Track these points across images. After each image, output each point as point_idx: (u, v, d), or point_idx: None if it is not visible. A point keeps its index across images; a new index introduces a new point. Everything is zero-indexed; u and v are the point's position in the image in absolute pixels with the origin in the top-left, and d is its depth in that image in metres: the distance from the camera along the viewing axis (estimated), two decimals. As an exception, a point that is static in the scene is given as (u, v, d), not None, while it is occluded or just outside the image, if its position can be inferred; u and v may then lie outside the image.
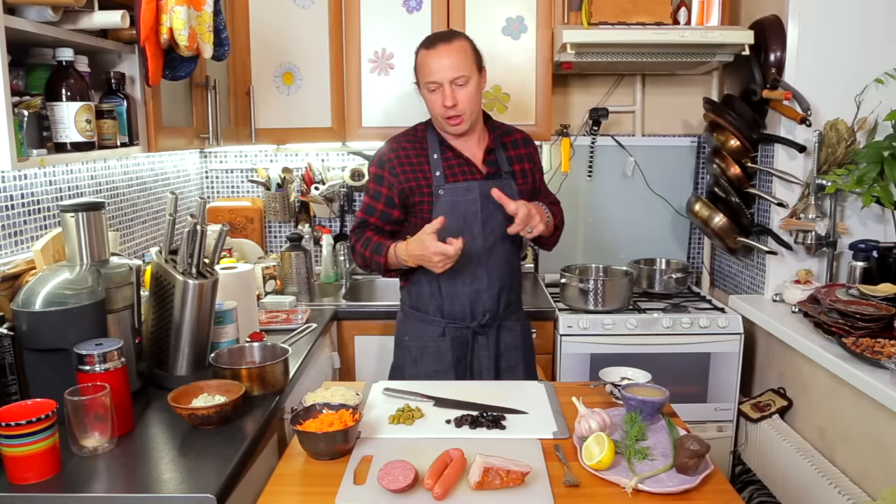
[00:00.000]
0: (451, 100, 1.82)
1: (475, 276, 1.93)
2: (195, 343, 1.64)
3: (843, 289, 2.21)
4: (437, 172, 1.91)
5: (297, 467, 1.32)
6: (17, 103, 1.41)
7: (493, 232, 1.92)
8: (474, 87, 1.85)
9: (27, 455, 1.22)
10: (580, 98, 3.02)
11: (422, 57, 1.87)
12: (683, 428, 1.45)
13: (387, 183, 1.92)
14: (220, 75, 2.36)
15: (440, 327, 1.95)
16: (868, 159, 2.21)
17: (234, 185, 3.07)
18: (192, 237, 1.60)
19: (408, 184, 1.90)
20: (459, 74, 1.82)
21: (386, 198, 1.93)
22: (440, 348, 1.95)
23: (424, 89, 1.88)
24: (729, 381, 2.51)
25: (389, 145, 1.97)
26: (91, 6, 1.54)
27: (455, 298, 1.94)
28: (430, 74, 1.83)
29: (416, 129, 2.00)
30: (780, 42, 2.41)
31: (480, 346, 1.97)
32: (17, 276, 1.61)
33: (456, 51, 1.83)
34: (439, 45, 1.83)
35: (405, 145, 1.95)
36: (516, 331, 2.03)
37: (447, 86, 1.82)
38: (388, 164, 1.93)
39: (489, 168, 1.94)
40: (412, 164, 1.92)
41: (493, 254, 1.94)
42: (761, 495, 2.38)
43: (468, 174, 1.92)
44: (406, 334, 2.01)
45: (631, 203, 3.07)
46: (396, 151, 1.94)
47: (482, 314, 1.95)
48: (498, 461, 1.22)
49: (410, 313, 2.01)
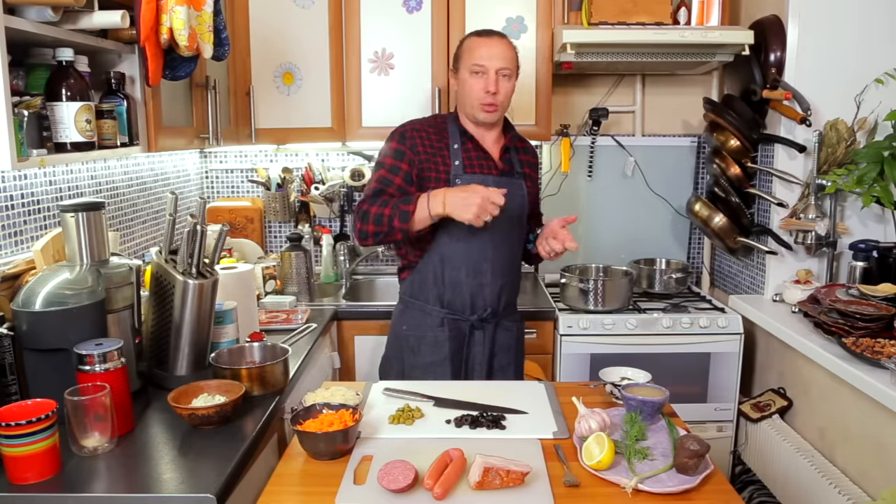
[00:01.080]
0: (495, 86, 1.87)
1: (479, 270, 1.94)
2: (195, 343, 1.64)
3: (843, 289, 2.21)
4: (457, 161, 1.92)
5: (297, 467, 1.32)
6: (17, 103, 1.41)
7: (501, 228, 1.91)
8: (513, 85, 1.92)
9: (27, 455, 1.21)
10: (580, 98, 3.02)
11: (472, 42, 1.91)
12: (683, 428, 1.45)
13: (408, 159, 1.89)
14: (220, 75, 2.36)
15: (439, 317, 1.95)
16: (868, 159, 2.21)
17: (234, 185, 3.07)
18: (192, 237, 1.60)
19: (427, 164, 1.90)
20: (506, 66, 1.88)
21: (405, 173, 1.89)
22: (438, 338, 1.95)
23: (466, 72, 1.90)
24: (729, 381, 2.51)
25: (412, 124, 1.96)
26: (91, 6, 1.54)
27: (457, 289, 1.94)
28: (479, 58, 1.88)
29: (437, 118, 2.02)
30: (780, 42, 2.41)
31: (476, 341, 1.98)
32: (17, 276, 1.61)
33: (507, 46, 1.91)
34: (493, 36, 1.91)
35: (427, 129, 1.95)
36: (512, 331, 2.04)
37: (492, 73, 1.87)
38: (409, 140, 1.91)
39: (505, 165, 1.98)
40: (434, 147, 1.93)
41: (499, 250, 1.95)
42: (761, 495, 2.38)
43: (485, 168, 1.94)
44: (404, 324, 2.00)
45: (631, 203, 3.07)
46: (419, 132, 1.93)
47: (482, 308, 1.96)
48: (498, 461, 1.22)
49: (410, 303, 2.01)
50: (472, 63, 1.89)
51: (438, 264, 1.93)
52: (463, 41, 1.96)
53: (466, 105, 1.94)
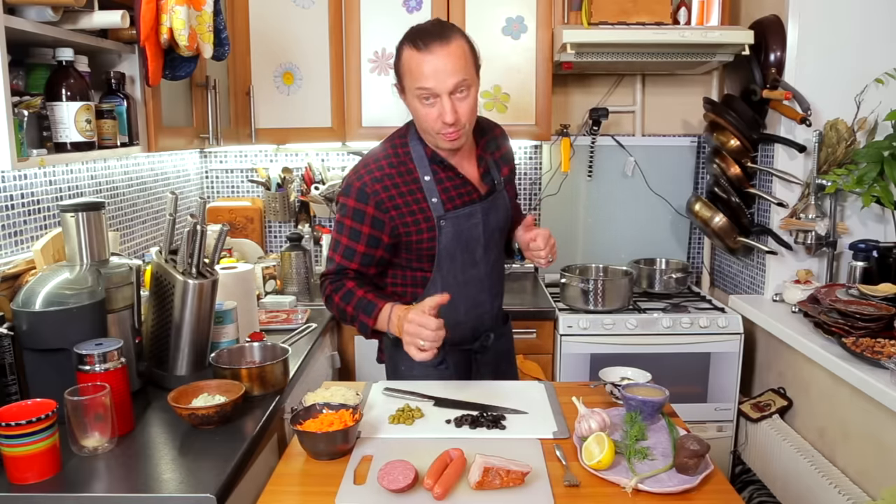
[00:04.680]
0: (452, 115, 1.50)
1: (477, 302, 1.75)
2: (195, 343, 1.64)
3: (843, 289, 2.21)
4: (434, 199, 1.62)
5: (297, 467, 1.32)
6: (17, 103, 1.41)
7: (491, 251, 1.75)
8: (475, 97, 1.56)
9: (27, 455, 1.22)
10: (580, 98, 3.02)
11: (410, 59, 1.52)
12: (683, 428, 1.45)
13: (369, 220, 1.60)
14: (220, 75, 2.36)
15: (441, 355, 1.66)
16: (868, 159, 2.21)
17: (234, 185, 3.07)
18: (192, 237, 1.60)
19: (403, 220, 1.61)
20: (461, 80, 1.50)
21: (369, 237, 1.61)
22: (442, 375, 1.75)
23: (412, 97, 1.54)
24: (729, 381, 2.51)
25: (370, 172, 1.61)
26: (91, 6, 1.55)
27: (456, 328, 1.67)
28: (423, 80, 1.49)
29: (395, 146, 1.66)
30: (780, 42, 2.41)
31: (482, 364, 1.83)
32: (17, 276, 1.61)
33: (454, 54, 1.49)
34: (434, 45, 1.49)
35: (389, 171, 1.61)
36: (508, 334, 1.93)
37: (445, 97, 1.50)
38: (373, 197, 1.59)
39: (485, 184, 1.71)
40: (403, 195, 1.60)
41: (492, 273, 1.77)
42: (761, 495, 2.38)
43: (465, 196, 1.66)
44: (402, 364, 1.76)
45: (631, 203, 3.07)
46: (382, 182, 1.59)
47: (484, 335, 1.79)
48: (498, 461, 1.22)
49: None
50: (415, 87, 1.51)
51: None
52: (400, 50, 1.55)
53: (425, 134, 1.61)
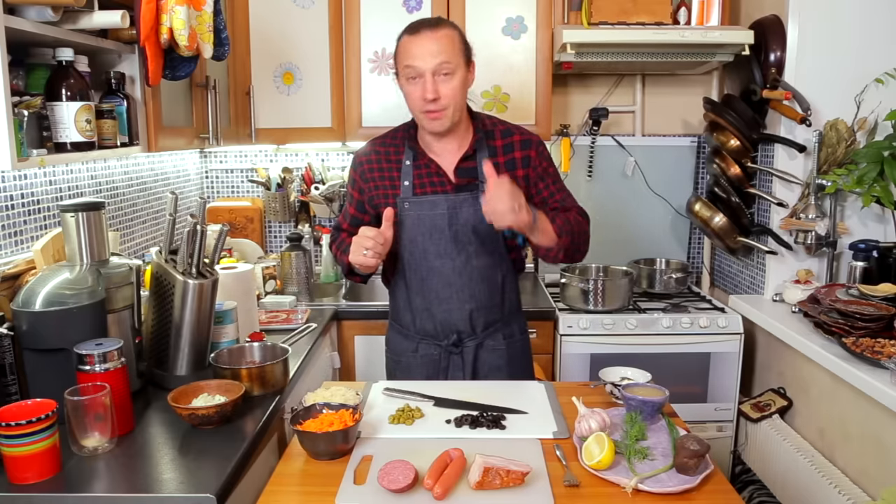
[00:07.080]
0: (433, 91, 1.62)
1: (443, 297, 1.79)
2: (195, 343, 1.64)
3: (843, 289, 2.21)
4: (406, 182, 1.76)
5: (297, 467, 1.32)
6: (17, 103, 1.41)
7: (463, 249, 1.76)
8: (460, 81, 1.65)
9: (27, 455, 1.22)
10: (580, 98, 3.02)
11: (402, 42, 1.68)
12: (683, 428, 1.45)
13: (357, 187, 1.83)
14: (220, 75, 2.36)
15: (414, 343, 1.85)
16: (868, 159, 2.21)
17: (234, 185, 3.07)
18: (192, 237, 1.60)
19: (376, 191, 1.80)
20: (443, 61, 1.61)
21: (357, 202, 1.85)
22: (410, 364, 1.86)
23: (402, 78, 1.69)
24: (729, 381, 2.51)
25: (368, 146, 1.84)
26: (91, 6, 1.55)
27: (425, 315, 1.81)
28: (410, 59, 1.63)
29: (399, 129, 1.84)
30: (780, 42, 2.41)
31: (455, 366, 1.83)
32: (17, 276, 1.61)
33: (441, 38, 1.63)
34: (423, 30, 1.64)
35: (378, 149, 1.82)
36: (500, 350, 1.85)
37: (429, 75, 1.62)
38: (359, 167, 1.82)
39: (460, 179, 1.74)
40: (382, 170, 1.79)
41: (464, 273, 1.77)
42: (761, 495, 2.38)
43: (437, 186, 1.75)
44: (387, 344, 1.95)
45: (631, 203, 3.07)
46: (369, 155, 1.82)
47: (454, 332, 1.81)
48: (498, 461, 1.22)
49: (392, 324, 1.94)
50: (403, 66, 1.66)
51: (405, 291, 1.82)
52: (398, 39, 1.72)
53: (413, 115, 1.75)
